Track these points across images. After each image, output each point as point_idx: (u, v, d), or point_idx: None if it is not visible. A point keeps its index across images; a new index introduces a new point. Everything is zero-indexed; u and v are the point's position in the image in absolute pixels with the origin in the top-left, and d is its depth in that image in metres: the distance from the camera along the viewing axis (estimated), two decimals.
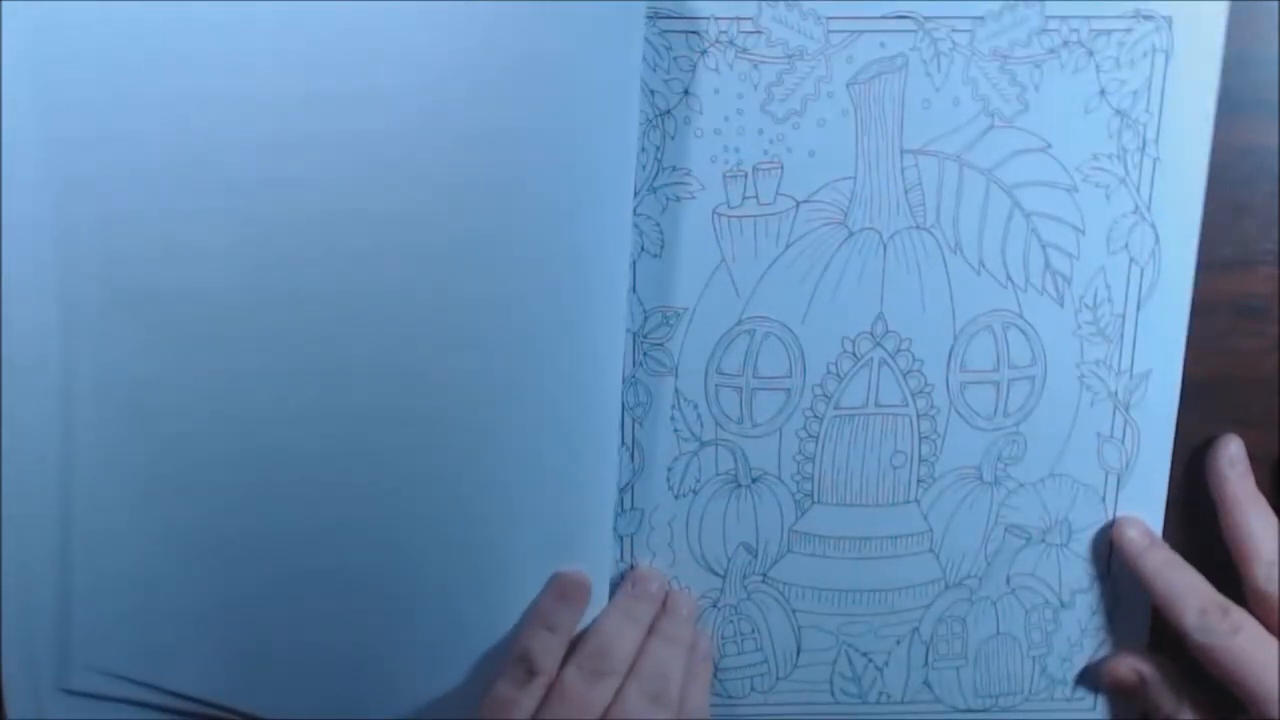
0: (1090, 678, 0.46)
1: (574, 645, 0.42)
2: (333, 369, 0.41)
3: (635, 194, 0.41)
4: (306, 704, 0.44)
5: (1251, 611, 0.42)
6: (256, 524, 0.43)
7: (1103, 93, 0.41)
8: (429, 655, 0.43)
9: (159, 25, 0.39)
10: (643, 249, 0.42)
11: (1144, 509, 0.44)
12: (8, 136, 0.40)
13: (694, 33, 0.40)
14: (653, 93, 0.41)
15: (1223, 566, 0.43)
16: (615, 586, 0.44)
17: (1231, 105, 0.41)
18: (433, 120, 0.40)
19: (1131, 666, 0.45)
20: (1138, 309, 0.43)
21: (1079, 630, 0.45)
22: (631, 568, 0.44)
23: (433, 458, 0.42)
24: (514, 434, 0.41)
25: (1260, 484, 0.43)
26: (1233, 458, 0.43)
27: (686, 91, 0.41)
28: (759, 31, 0.41)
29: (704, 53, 0.41)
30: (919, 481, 0.44)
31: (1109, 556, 0.45)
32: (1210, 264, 0.43)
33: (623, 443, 0.43)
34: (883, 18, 0.41)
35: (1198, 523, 0.44)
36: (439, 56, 0.39)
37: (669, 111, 0.41)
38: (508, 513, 0.42)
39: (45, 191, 0.41)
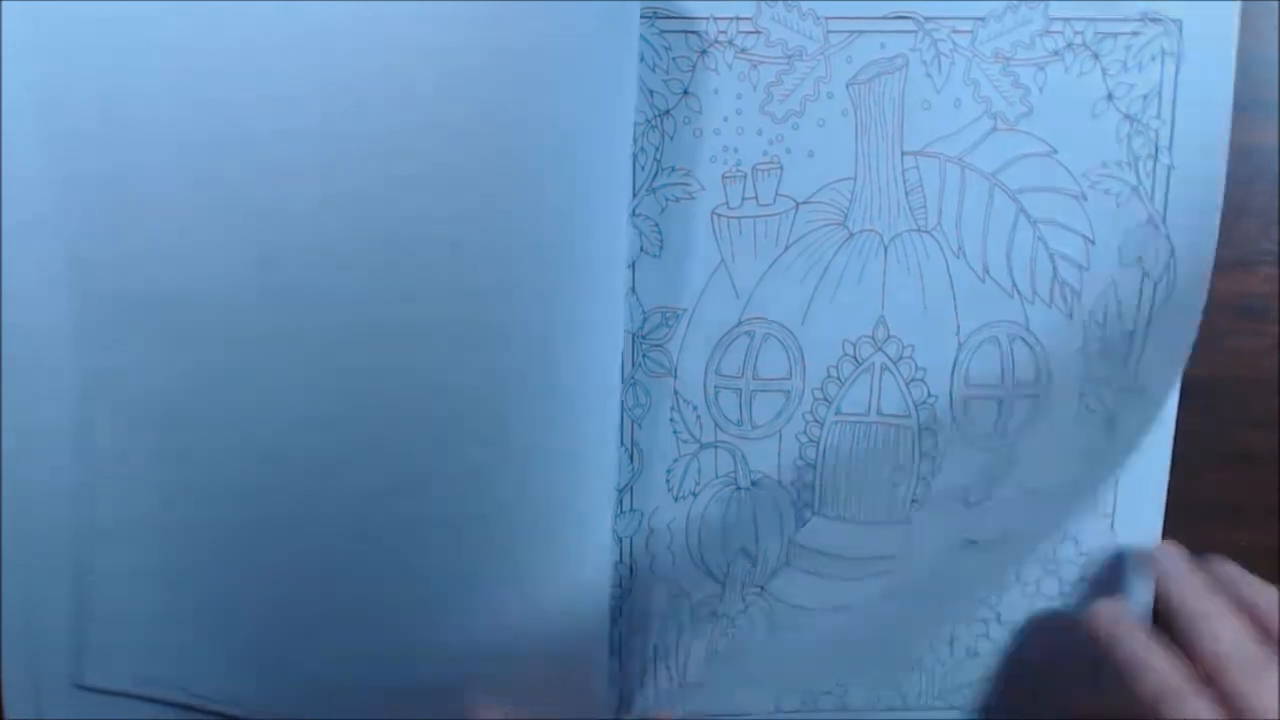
0: None
1: None
2: (334, 369, 0.41)
3: (635, 195, 0.41)
4: (311, 700, 0.44)
5: None
6: (264, 522, 0.43)
7: (1110, 97, 0.41)
8: (428, 654, 0.43)
9: (160, 21, 0.39)
10: (642, 250, 0.42)
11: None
12: (9, 134, 0.40)
13: (693, 33, 0.40)
14: (652, 93, 0.41)
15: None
16: (614, 593, 0.44)
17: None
18: (429, 120, 0.39)
19: None
20: (1148, 325, 0.42)
21: None
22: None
23: (432, 458, 0.41)
24: (512, 434, 0.41)
25: (1261, 485, 0.43)
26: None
27: (686, 92, 0.41)
28: (758, 32, 0.40)
29: (703, 53, 0.40)
30: (914, 500, 0.44)
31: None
32: None
33: (622, 444, 0.43)
34: (882, 18, 0.40)
35: (1198, 523, 0.44)
36: (435, 57, 0.39)
37: (668, 112, 0.41)
38: (506, 513, 0.42)
39: (48, 190, 0.40)
